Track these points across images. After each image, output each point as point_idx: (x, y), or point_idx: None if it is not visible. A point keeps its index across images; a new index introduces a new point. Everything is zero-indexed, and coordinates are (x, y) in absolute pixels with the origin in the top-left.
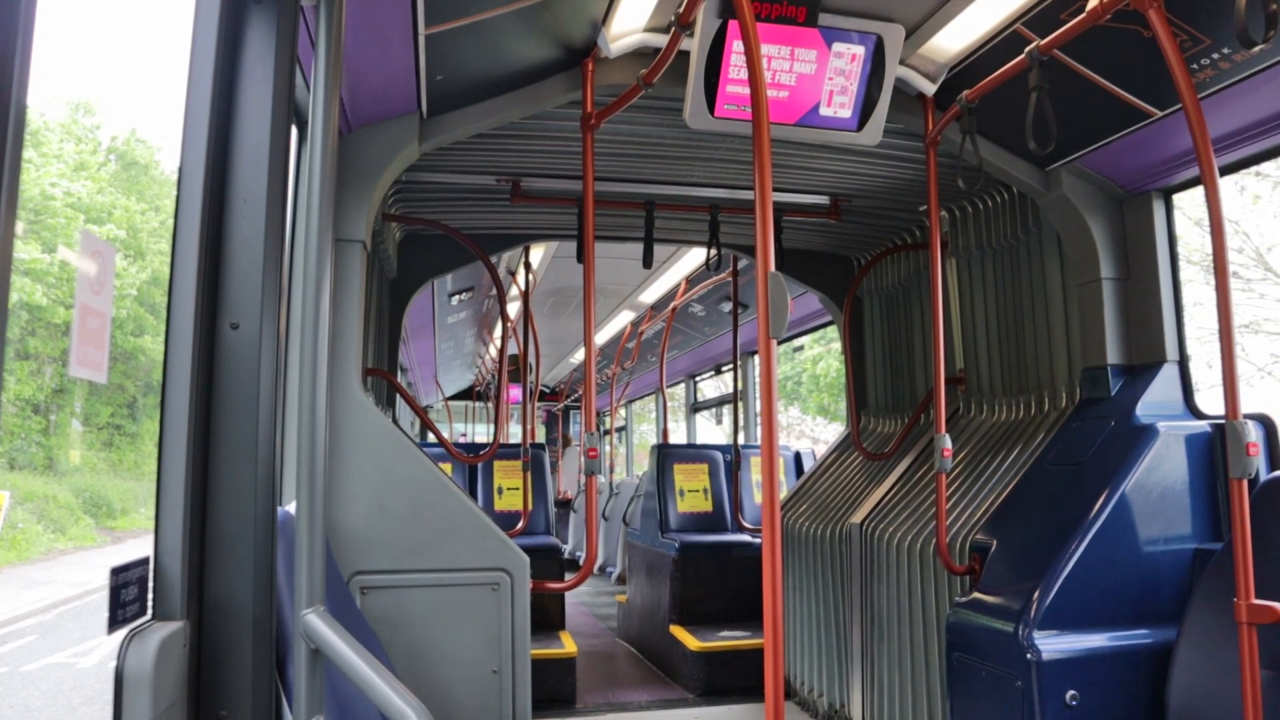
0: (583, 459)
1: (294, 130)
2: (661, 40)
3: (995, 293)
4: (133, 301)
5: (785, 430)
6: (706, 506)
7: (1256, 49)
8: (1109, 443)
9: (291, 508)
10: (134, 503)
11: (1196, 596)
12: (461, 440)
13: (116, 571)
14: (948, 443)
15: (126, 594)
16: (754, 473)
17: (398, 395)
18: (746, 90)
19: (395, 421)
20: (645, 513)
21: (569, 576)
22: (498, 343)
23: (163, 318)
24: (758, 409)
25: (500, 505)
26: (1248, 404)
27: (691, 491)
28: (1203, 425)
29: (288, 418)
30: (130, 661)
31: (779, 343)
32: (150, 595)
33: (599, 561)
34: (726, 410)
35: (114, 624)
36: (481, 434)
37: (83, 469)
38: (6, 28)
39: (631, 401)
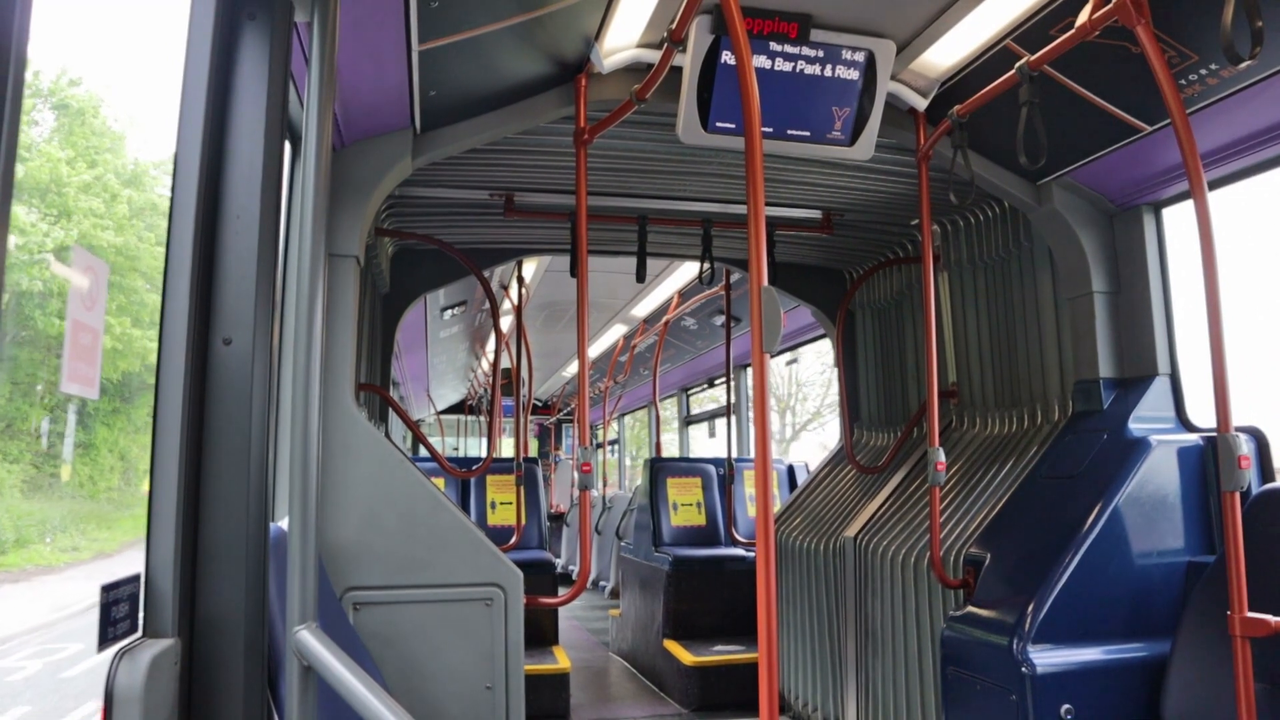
0: (575, 473)
1: (287, 145)
2: (654, 56)
3: (987, 306)
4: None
5: (821, 447)
6: (700, 520)
7: (1243, 65)
8: (1102, 456)
9: (284, 523)
10: (40, 531)
11: (1190, 609)
12: (454, 455)
13: (107, 588)
14: (941, 456)
15: (117, 611)
16: (747, 486)
17: (390, 410)
18: (739, 105)
19: (388, 436)
20: (638, 527)
21: (562, 591)
22: (490, 357)
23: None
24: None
25: (493, 520)
26: None
27: (685, 505)
28: (1195, 438)
29: (280, 433)
30: (120, 680)
31: (770, 356)
32: (141, 612)
33: (592, 576)
34: (720, 423)
35: (104, 641)
36: (474, 448)
37: None
38: (3, 33)
39: (624, 415)
